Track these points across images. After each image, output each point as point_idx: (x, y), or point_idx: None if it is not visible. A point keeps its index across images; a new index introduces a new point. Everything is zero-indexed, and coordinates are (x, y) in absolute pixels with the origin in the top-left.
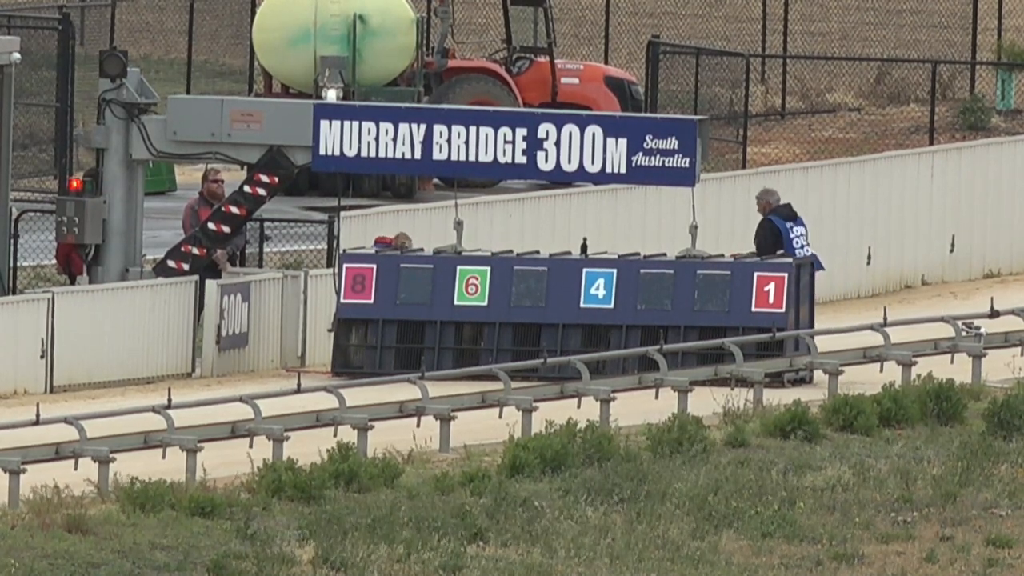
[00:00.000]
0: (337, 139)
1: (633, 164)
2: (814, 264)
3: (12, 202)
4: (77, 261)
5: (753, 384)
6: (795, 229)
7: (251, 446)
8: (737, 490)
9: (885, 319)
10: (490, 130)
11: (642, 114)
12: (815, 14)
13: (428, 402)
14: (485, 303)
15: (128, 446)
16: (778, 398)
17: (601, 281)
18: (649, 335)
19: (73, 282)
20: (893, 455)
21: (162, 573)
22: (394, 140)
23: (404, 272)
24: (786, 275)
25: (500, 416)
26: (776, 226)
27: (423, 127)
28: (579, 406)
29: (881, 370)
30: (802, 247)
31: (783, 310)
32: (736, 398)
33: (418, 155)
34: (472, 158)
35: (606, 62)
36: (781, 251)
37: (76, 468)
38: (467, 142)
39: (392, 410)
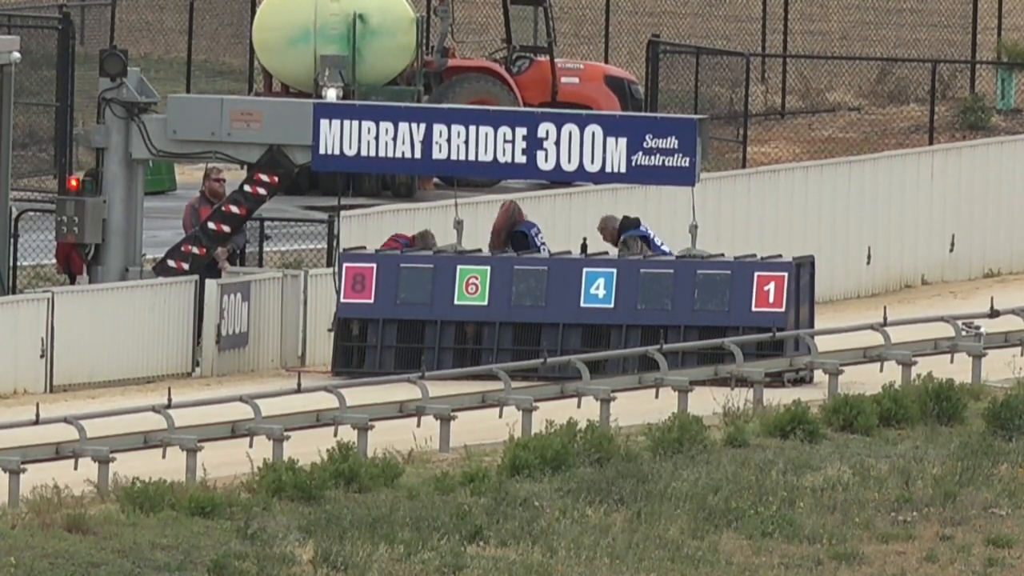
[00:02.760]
0: (337, 138)
1: (633, 164)
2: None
3: (12, 202)
4: (77, 260)
5: (753, 384)
6: (650, 231)
7: (251, 446)
8: (737, 490)
9: (885, 319)
10: (490, 130)
11: (642, 114)
12: (815, 14)
13: (428, 402)
14: (485, 303)
15: (128, 446)
16: (778, 398)
17: (601, 281)
18: (649, 335)
19: (73, 282)
20: (894, 455)
21: (162, 573)
22: (394, 140)
23: (404, 272)
24: (786, 275)
25: (500, 416)
26: (644, 236)
27: (423, 127)
28: (579, 406)
29: (881, 370)
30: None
31: (783, 310)
32: (736, 398)
33: (418, 155)
34: (472, 158)
35: (606, 62)
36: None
37: (76, 468)
38: (467, 142)
39: (392, 410)
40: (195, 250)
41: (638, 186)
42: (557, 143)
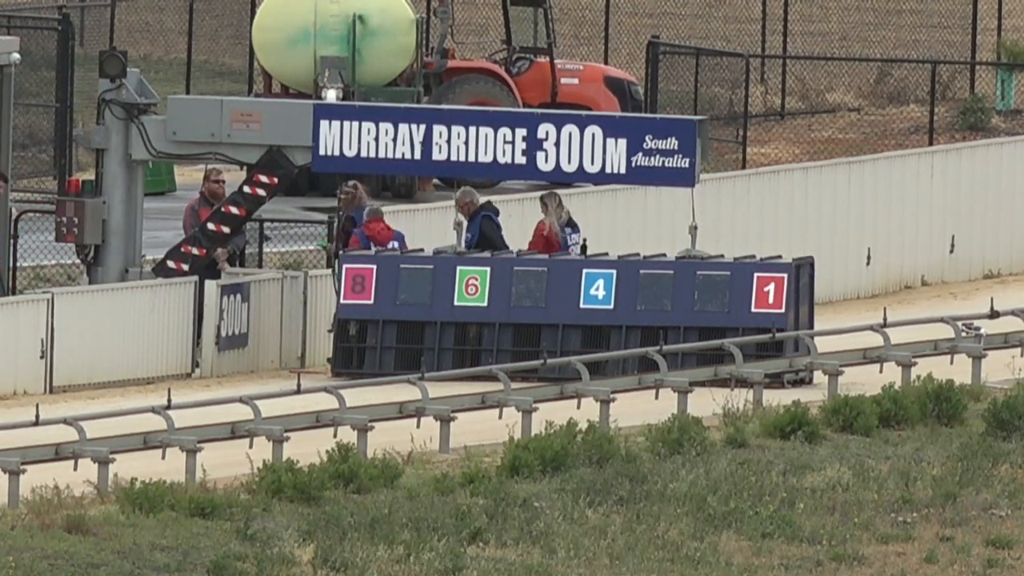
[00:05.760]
0: (337, 139)
1: (633, 164)
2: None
3: (12, 202)
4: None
5: (753, 385)
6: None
7: (251, 447)
8: (737, 490)
9: (885, 320)
10: (490, 130)
11: (642, 114)
12: (815, 14)
13: (428, 403)
14: (485, 303)
15: (128, 446)
16: (778, 399)
17: (601, 282)
18: (649, 335)
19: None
20: (894, 456)
21: (162, 574)
22: (394, 140)
23: (404, 272)
24: (786, 276)
25: (500, 417)
26: (496, 221)
27: (423, 127)
28: (579, 407)
29: (881, 371)
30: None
31: (783, 310)
32: (736, 399)
33: (418, 155)
34: (472, 158)
35: (606, 62)
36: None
37: (76, 468)
38: (467, 142)
39: (392, 411)
40: (195, 251)
41: (638, 187)
42: (557, 144)
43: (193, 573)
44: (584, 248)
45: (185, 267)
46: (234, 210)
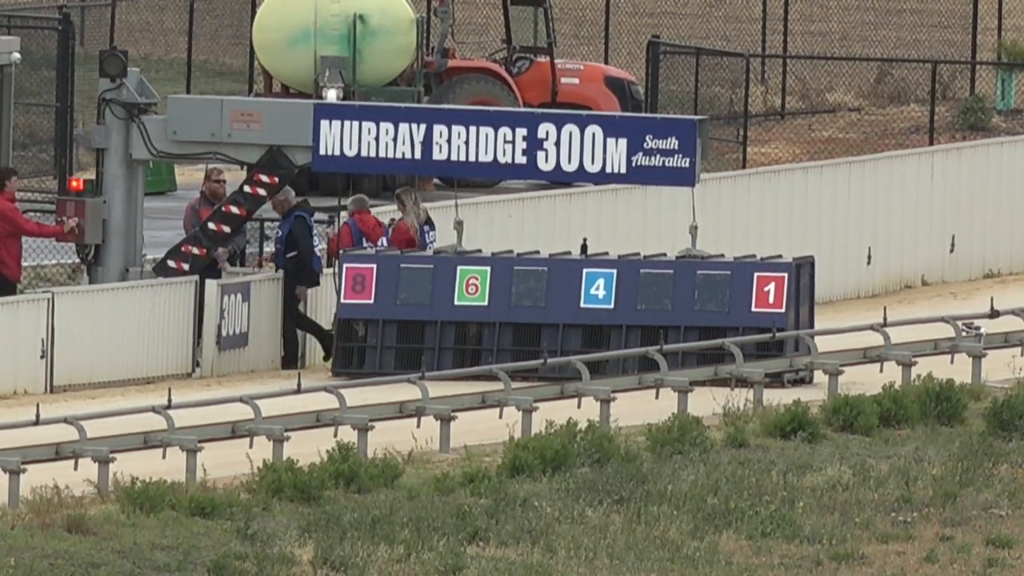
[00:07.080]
0: (337, 139)
1: (633, 164)
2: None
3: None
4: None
5: (753, 384)
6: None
7: (251, 446)
8: (737, 490)
9: (885, 319)
10: (490, 130)
11: (642, 114)
12: (815, 14)
13: (428, 402)
14: (485, 303)
15: (128, 446)
16: (778, 398)
17: (601, 281)
18: (649, 335)
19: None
20: (894, 455)
21: (162, 573)
22: (394, 140)
23: (404, 272)
24: (786, 275)
25: (500, 416)
26: (310, 227)
27: (423, 127)
28: (579, 406)
29: (881, 370)
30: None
31: (783, 310)
32: (736, 398)
33: (418, 155)
34: (472, 158)
35: (606, 62)
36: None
37: (76, 468)
38: (467, 142)
39: (392, 410)
40: (195, 251)
41: (638, 187)
42: (557, 144)
43: (193, 573)
44: (584, 248)
45: (185, 266)
46: (234, 210)
